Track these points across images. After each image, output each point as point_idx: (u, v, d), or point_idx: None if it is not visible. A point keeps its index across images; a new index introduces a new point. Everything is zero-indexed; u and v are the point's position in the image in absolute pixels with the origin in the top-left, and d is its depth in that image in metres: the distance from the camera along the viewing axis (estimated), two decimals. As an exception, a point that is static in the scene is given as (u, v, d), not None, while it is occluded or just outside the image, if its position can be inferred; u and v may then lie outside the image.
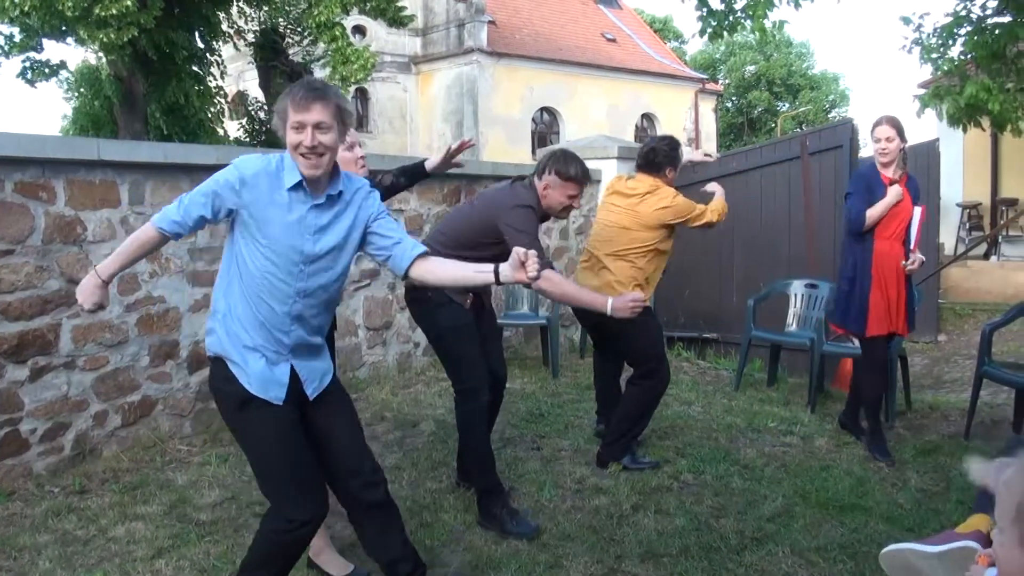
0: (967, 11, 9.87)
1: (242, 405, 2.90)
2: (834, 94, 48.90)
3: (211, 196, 2.83)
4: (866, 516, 4.37)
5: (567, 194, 4.29)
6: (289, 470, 2.91)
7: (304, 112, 2.77)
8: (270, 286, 2.85)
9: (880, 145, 5.27)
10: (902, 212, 5.28)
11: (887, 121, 5.30)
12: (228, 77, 22.91)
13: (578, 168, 4.29)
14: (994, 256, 15.57)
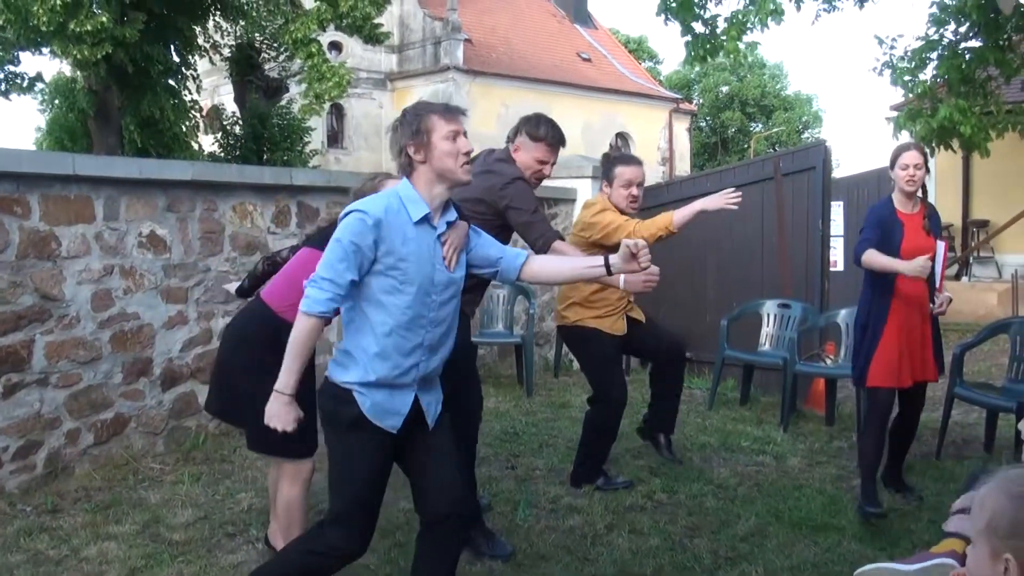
0: (939, 35, 10.05)
1: (352, 425, 2.88)
2: (807, 115, 49.33)
3: (353, 255, 2.77)
4: (839, 535, 4.39)
5: (535, 157, 4.21)
6: (360, 501, 2.93)
7: (456, 122, 2.90)
8: (408, 320, 2.86)
9: (908, 172, 4.74)
10: (922, 249, 4.67)
11: (916, 147, 4.88)
12: (204, 91, 22.86)
13: (548, 129, 4.22)
14: (965, 277, 15.76)
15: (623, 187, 4.91)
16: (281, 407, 2.86)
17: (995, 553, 1.70)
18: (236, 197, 5.88)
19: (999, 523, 1.70)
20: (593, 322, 4.94)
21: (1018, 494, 1.71)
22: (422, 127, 2.88)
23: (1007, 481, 1.74)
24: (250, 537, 4.20)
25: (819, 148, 8.00)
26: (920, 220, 4.80)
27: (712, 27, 8.73)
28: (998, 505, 1.71)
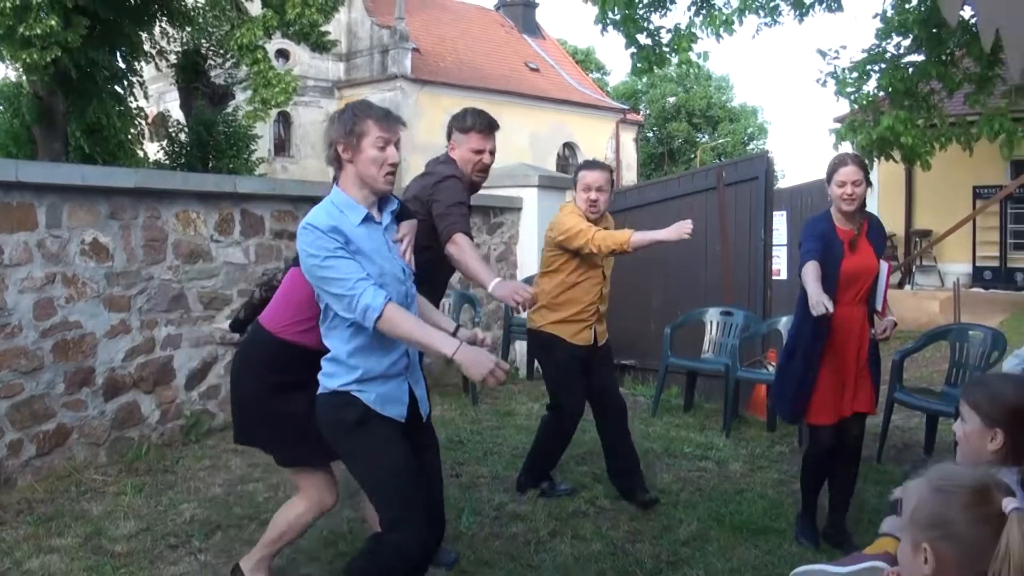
0: (882, 48, 10.27)
1: (360, 422, 2.90)
2: (752, 127, 50.00)
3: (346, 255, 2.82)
4: (780, 538, 4.48)
5: (470, 148, 4.21)
6: (405, 493, 2.91)
7: (390, 131, 2.93)
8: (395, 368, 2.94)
9: (846, 190, 4.32)
10: (864, 271, 4.37)
11: (853, 161, 4.40)
12: (150, 98, 22.59)
13: (474, 118, 4.22)
14: (908, 285, 16.10)
15: (583, 191, 4.89)
16: (470, 354, 2.82)
17: (916, 544, 1.77)
18: (179, 205, 5.84)
19: (919, 515, 1.78)
20: (556, 328, 4.93)
21: (939, 487, 1.78)
22: (356, 128, 2.92)
23: (935, 474, 1.81)
24: (192, 548, 4.18)
25: (761, 159, 8.14)
26: (862, 238, 4.39)
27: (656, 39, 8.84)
28: (920, 497, 1.79)
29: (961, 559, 1.72)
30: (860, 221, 4.40)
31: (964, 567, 1.72)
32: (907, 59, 10.16)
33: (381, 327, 2.78)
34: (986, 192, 15.74)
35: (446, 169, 4.17)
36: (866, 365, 4.41)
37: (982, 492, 1.73)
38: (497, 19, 38.53)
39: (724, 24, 8.44)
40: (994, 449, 2.34)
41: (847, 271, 4.30)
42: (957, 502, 1.74)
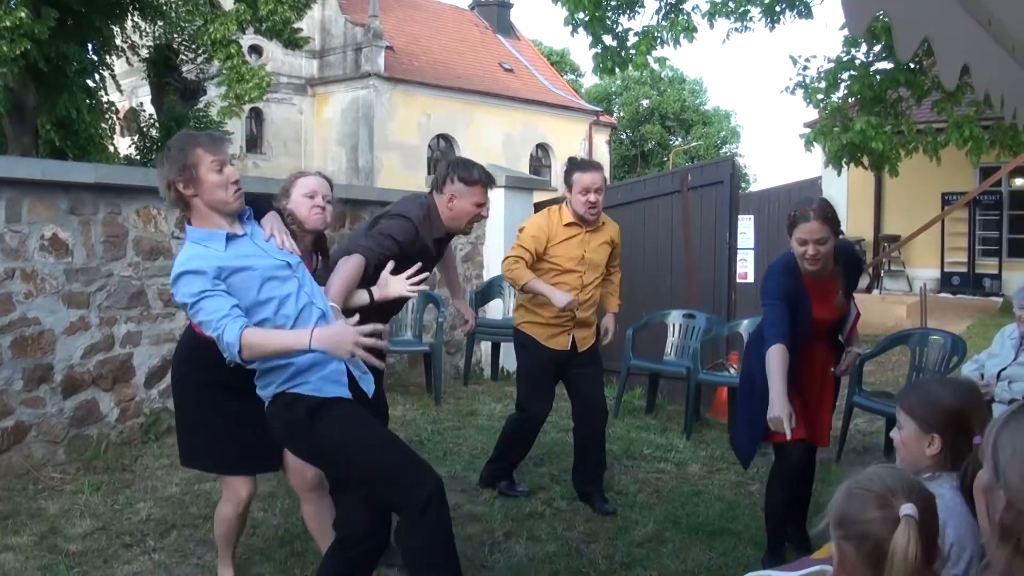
0: (851, 56, 10.38)
1: (314, 412, 2.89)
2: (725, 130, 50.24)
3: (212, 294, 2.81)
4: (735, 540, 4.52)
5: (474, 201, 4.09)
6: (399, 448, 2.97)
7: (221, 152, 2.92)
8: (302, 313, 2.95)
9: (807, 250, 3.79)
10: (835, 316, 4.11)
11: (816, 216, 3.76)
12: (123, 92, 22.41)
13: (481, 171, 4.14)
14: (876, 290, 16.25)
15: (580, 193, 4.78)
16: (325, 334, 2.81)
17: (835, 543, 1.83)
18: (140, 201, 5.81)
19: (834, 514, 1.84)
20: (532, 328, 4.92)
21: (852, 490, 1.83)
22: (188, 161, 2.89)
23: (858, 476, 1.86)
24: (147, 547, 4.18)
25: (727, 162, 8.21)
26: (832, 286, 4.02)
27: (623, 40, 8.88)
28: (838, 497, 1.84)
29: (860, 558, 1.78)
30: (830, 267, 3.93)
31: (864, 566, 1.77)
32: (876, 67, 10.28)
33: (246, 356, 2.79)
34: (955, 198, 15.93)
35: (413, 210, 4.02)
36: (828, 401, 4.22)
37: (885, 496, 1.78)
38: (472, 19, 38.50)
39: (685, 31, 8.49)
40: (932, 454, 2.36)
41: (818, 320, 3.98)
42: (860, 504, 1.79)
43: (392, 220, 3.97)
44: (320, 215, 3.62)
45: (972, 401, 2.44)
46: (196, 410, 3.59)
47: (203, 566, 3.96)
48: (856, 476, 1.87)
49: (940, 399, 2.42)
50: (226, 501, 3.68)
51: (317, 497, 3.62)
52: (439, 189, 4.11)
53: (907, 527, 1.72)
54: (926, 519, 1.76)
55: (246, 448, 3.53)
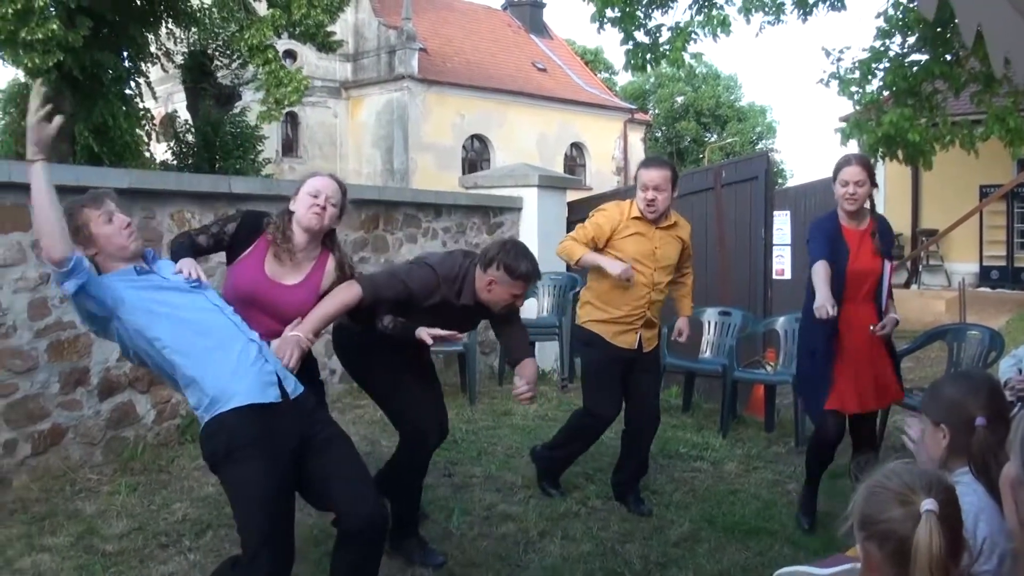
0: (885, 47, 10.24)
1: (228, 454, 2.93)
2: (761, 126, 49.89)
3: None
4: (771, 539, 4.48)
5: (512, 292, 3.94)
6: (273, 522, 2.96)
7: (104, 205, 3.19)
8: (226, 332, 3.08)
9: (848, 190, 4.45)
10: (871, 271, 4.52)
11: (857, 161, 4.52)
12: (159, 99, 22.63)
13: (529, 265, 3.92)
14: (914, 285, 16.06)
15: (641, 190, 4.71)
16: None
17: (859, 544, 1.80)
18: (174, 205, 5.86)
19: (856, 513, 1.83)
20: (598, 326, 4.82)
21: (872, 488, 1.82)
22: (79, 223, 3.04)
23: (878, 474, 1.85)
24: (183, 548, 4.20)
25: (761, 158, 8.14)
26: (868, 238, 4.50)
27: (654, 36, 8.82)
28: (860, 496, 1.83)
29: (885, 558, 1.74)
30: (867, 221, 4.51)
31: (889, 566, 1.74)
32: (911, 58, 10.14)
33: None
34: (993, 191, 15.71)
35: (448, 267, 3.97)
36: (886, 358, 4.62)
37: (904, 494, 1.76)
38: (504, 19, 38.53)
39: (721, 24, 8.41)
40: (945, 446, 2.37)
41: (853, 270, 4.43)
42: (881, 503, 1.77)
43: (418, 267, 3.99)
44: (317, 215, 3.56)
45: (971, 387, 2.43)
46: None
47: (239, 567, 3.97)
48: (874, 475, 1.84)
49: (942, 391, 2.47)
50: None
51: None
52: (483, 267, 3.95)
53: (928, 522, 1.69)
54: (948, 513, 1.73)
55: None
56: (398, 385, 4.13)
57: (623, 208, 4.82)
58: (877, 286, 4.52)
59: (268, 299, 3.54)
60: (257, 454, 2.92)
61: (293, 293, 3.56)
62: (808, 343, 4.67)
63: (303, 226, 3.59)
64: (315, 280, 3.62)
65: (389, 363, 4.09)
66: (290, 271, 3.58)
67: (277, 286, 3.55)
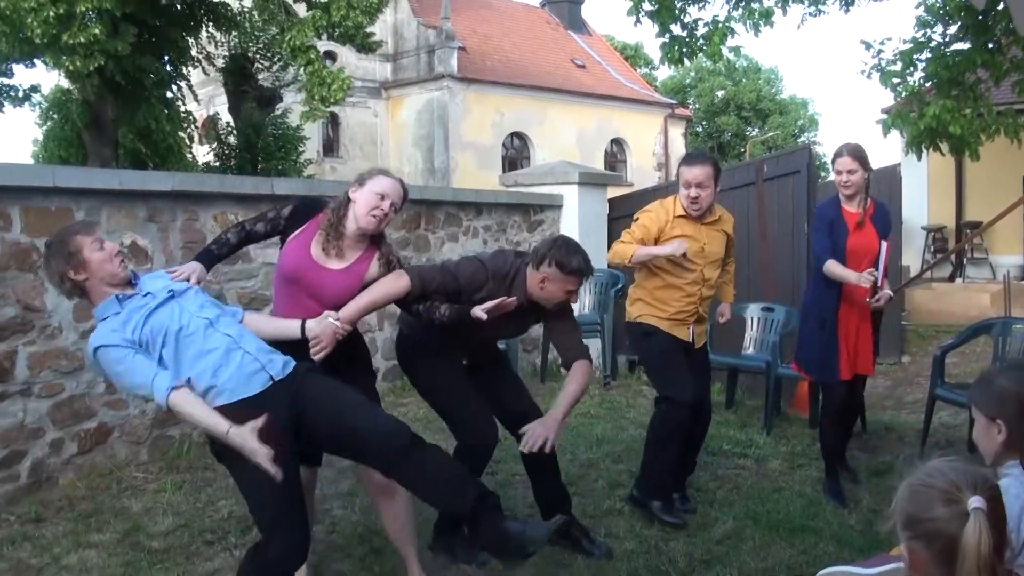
0: (927, 37, 10.07)
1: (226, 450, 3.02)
2: (803, 119, 49.41)
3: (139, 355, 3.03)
4: (816, 537, 4.42)
5: (566, 289, 3.88)
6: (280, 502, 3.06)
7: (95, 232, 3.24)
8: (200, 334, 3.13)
9: (842, 178, 4.97)
10: (868, 250, 4.99)
11: (848, 152, 4.98)
12: (200, 102, 22.88)
13: (581, 260, 3.86)
14: (959, 278, 15.80)
15: (683, 187, 4.66)
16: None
17: (904, 544, 1.76)
18: (217, 207, 5.92)
19: (899, 513, 1.79)
20: (654, 320, 4.76)
21: (915, 487, 1.78)
22: (71, 250, 3.09)
23: (920, 473, 1.82)
24: (228, 544, 4.23)
25: (803, 152, 8.07)
26: (867, 220, 5.00)
27: (691, 30, 8.74)
28: (903, 495, 1.80)
29: (933, 558, 1.71)
30: (865, 204, 5.01)
31: (937, 566, 1.70)
32: (953, 47, 9.96)
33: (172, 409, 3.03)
34: (1037, 181, 15.40)
35: (498, 265, 3.95)
36: (868, 332, 5.10)
37: (950, 491, 1.72)
38: (543, 16, 38.47)
39: (763, 17, 8.31)
40: (1001, 441, 2.32)
41: (851, 248, 4.95)
42: (928, 502, 1.74)
43: (468, 261, 3.97)
44: (376, 219, 3.56)
45: None
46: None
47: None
48: (916, 473, 1.81)
49: (997, 385, 2.39)
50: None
51: (388, 500, 3.63)
52: (535, 265, 3.90)
53: (977, 521, 1.65)
54: (993, 509, 1.70)
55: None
56: (457, 394, 4.07)
57: (667, 207, 4.75)
58: (874, 264, 4.94)
59: (310, 280, 3.55)
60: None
61: (335, 278, 3.55)
62: (819, 316, 5.07)
63: (360, 224, 3.58)
64: (360, 269, 3.61)
65: (451, 368, 4.06)
66: (335, 257, 3.58)
67: (321, 268, 3.56)
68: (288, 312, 3.57)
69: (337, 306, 3.49)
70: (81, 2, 14.07)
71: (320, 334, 3.37)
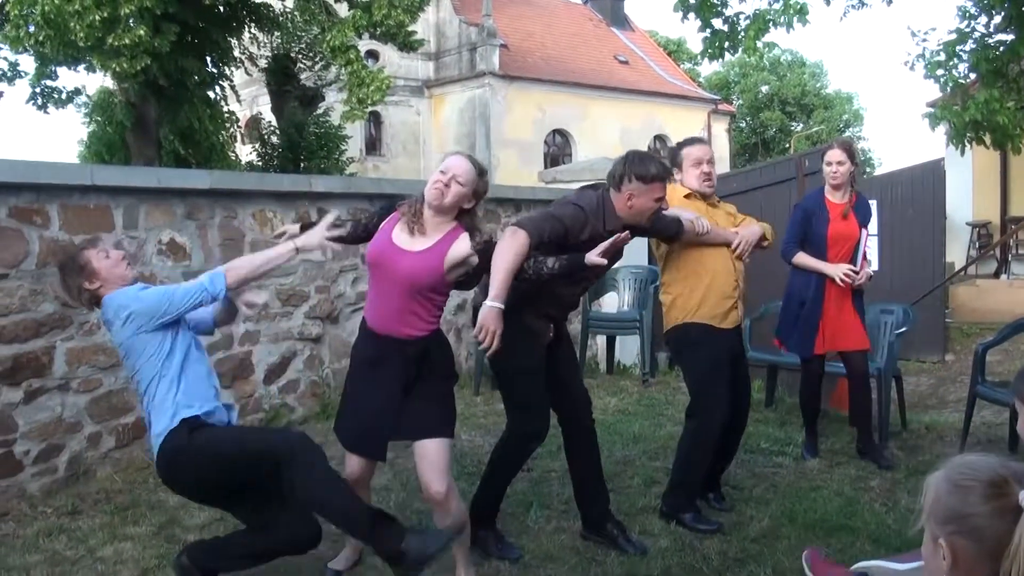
0: (971, 28, 9.89)
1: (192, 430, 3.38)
2: (848, 113, 48.85)
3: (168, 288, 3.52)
4: (853, 537, 4.35)
5: (654, 198, 3.94)
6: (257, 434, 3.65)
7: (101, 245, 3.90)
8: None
9: (831, 168, 5.44)
10: (848, 237, 5.45)
11: (839, 145, 5.54)
12: (243, 102, 23.10)
13: (659, 167, 3.96)
14: (1004, 275, 15.50)
15: (694, 167, 4.57)
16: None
17: (934, 538, 1.71)
18: (256, 204, 5.96)
19: (937, 509, 1.72)
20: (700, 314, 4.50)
21: (956, 480, 1.72)
22: (82, 263, 3.44)
23: (954, 468, 1.75)
24: (262, 538, 4.25)
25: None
26: (849, 209, 5.44)
27: (733, 24, 8.66)
28: (939, 491, 1.73)
29: (979, 554, 1.66)
30: (849, 194, 5.48)
31: (982, 562, 1.65)
32: (997, 38, 9.77)
33: (232, 282, 3.44)
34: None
35: (587, 200, 3.95)
36: (851, 309, 5.49)
37: (999, 485, 1.66)
38: (585, 13, 38.41)
39: (798, 13, 8.21)
40: None
41: (832, 236, 5.42)
42: (973, 496, 1.68)
43: (563, 206, 3.93)
44: (438, 190, 3.54)
45: None
46: (346, 382, 3.79)
47: (319, 556, 3.99)
48: (952, 467, 1.75)
49: None
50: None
51: (442, 511, 3.62)
52: (616, 187, 3.94)
53: None
54: None
55: (356, 429, 3.66)
56: (539, 382, 4.05)
57: (671, 191, 4.40)
58: (853, 251, 5.43)
59: (390, 262, 3.54)
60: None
61: (415, 259, 3.52)
62: (799, 295, 5.54)
63: (427, 200, 3.59)
64: (441, 249, 3.56)
65: (539, 353, 4.04)
66: (418, 240, 3.57)
67: (399, 251, 3.55)
68: (372, 294, 3.67)
69: (413, 286, 3.51)
70: (125, 4, 14.25)
71: (482, 327, 3.47)
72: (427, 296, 3.56)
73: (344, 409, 3.76)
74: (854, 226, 5.45)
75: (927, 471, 4.90)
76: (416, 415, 3.57)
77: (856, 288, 5.45)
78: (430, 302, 3.58)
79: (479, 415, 6.69)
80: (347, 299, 6.73)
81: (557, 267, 3.71)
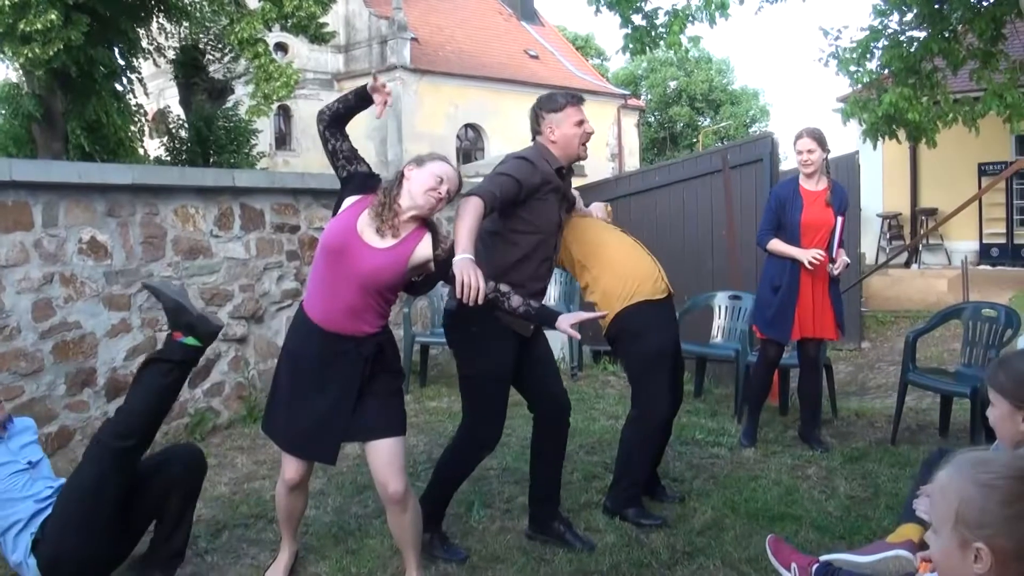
0: (883, 25, 10.11)
1: None
2: (754, 109, 49.81)
3: None
4: (796, 525, 4.39)
5: (573, 122, 4.04)
6: None
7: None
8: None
9: (802, 157, 5.55)
10: (822, 225, 5.56)
11: (808, 134, 5.58)
12: (150, 95, 22.45)
13: (565, 95, 4.13)
14: (915, 264, 15.98)
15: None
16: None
17: (964, 543, 1.67)
18: (178, 200, 5.76)
19: (967, 512, 1.67)
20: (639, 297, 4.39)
21: (985, 481, 1.67)
22: None
23: (971, 467, 1.71)
24: (199, 549, 4.11)
25: (766, 140, 8.07)
26: (822, 196, 5.55)
27: (652, 20, 8.69)
28: (965, 493, 1.68)
29: (1015, 553, 1.63)
30: (823, 182, 5.60)
31: (1019, 561, 1.63)
32: (909, 35, 10.02)
33: None
34: (991, 168, 15.60)
35: (528, 151, 4.02)
36: (826, 298, 5.61)
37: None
38: (495, 6, 38.31)
39: (720, 8, 8.27)
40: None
41: (805, 222, 5.52)
42: (1009, 497, 1.64)
43: (504, 163, 3.94)
44: (434, 200, 3.44)
45: None
46: (276, 379, 3.62)
47: (257, 566, 3.90)
48: (966, 467, 1.71)
49: (1018, 369, 2.35)
50: (279, 478, 3.70)
51: (399, 510, 3.53)
52: (538, 132, 4.09)
53: None
54: None
55: (302, 431, 3.51)
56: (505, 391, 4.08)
57: None
58: (829, 238, 5.54)
59: (353, 257, 3.37)
60: None
61: (380, 256, 3.38)
62: (773, 280, 5.64)
63: (417, 203, 3.44)
64: (406, 249, 3.44)
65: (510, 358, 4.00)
66: (389, 235, 3.42)
67: (364, 245, 3.39)
68: (320, 287, 3.46)
69: (372, 284, 3.38)
70: (35, -10, 13.72)
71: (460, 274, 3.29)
72: (382, 294, 3.45)
73: (281, 410, 3.58)
74: (829, 214, 5.56)
75: (861, 457, 5.04)
76: (368, 414, 3.46)
77: (832, 276, 5.59)
78: (384, 300, 3.48)
79: (410, 413, 6.58)
80: (272, 297, 6.56)
81: (522, 310, 3.59)
